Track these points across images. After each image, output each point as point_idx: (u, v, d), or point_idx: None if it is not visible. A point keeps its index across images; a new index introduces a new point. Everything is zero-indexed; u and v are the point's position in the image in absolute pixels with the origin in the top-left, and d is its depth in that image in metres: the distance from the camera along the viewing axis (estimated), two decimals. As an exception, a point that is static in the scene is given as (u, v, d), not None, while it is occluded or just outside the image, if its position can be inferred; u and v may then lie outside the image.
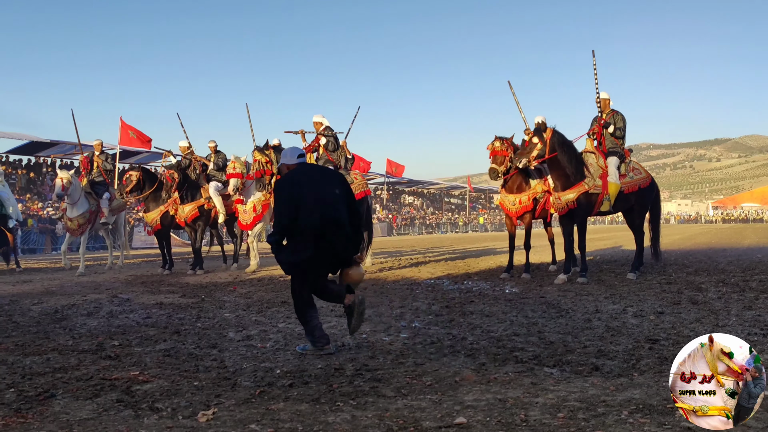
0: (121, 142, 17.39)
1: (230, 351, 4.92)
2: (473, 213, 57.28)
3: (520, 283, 9.07)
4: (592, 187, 8.80)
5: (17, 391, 3.85)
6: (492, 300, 7.46)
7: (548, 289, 8.29)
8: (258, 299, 7.82)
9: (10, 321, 6.46)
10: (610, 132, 9.29)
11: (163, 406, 3.50)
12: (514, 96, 10.55)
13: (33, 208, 24.22)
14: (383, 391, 3.73)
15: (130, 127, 17.38)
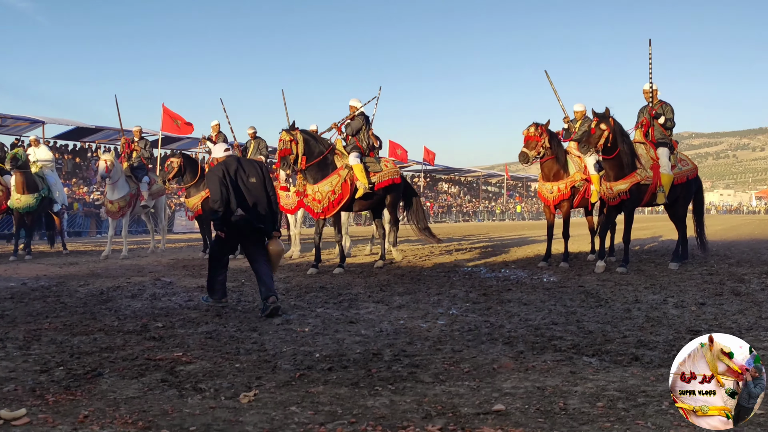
0: (163, 129, 17.72)
1: (270, 334, 5.00)
2: (510, 201, 56.74)
3: (558, 272, 8.97)
4: (644, 178, 8.66)
5: (66, 369, 3.99)
6: (530, 288, 7.41)
7: (587, 279, 8.19)
8: (296, 284, 7.92)
9: (58, 301, 6.68)
10: (661, 123, 9.14)
11: (205, 387, 3.59)
12: (551, 85, 10.41)
13: (78, 193, 24.90)
14: (421, 376, 3.75)
15: (173, 114, 17.67)
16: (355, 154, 9.69)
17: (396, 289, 7.43)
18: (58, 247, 14.06)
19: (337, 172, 9.48)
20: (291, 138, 9.12)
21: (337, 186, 9.40)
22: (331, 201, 9.37)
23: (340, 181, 9.44)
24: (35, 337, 4.91)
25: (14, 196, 12.06)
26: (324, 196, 9.35)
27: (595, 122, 8.37)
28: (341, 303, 6.47)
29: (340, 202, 9.44)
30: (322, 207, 9.39)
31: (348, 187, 9.48)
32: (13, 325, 5.40)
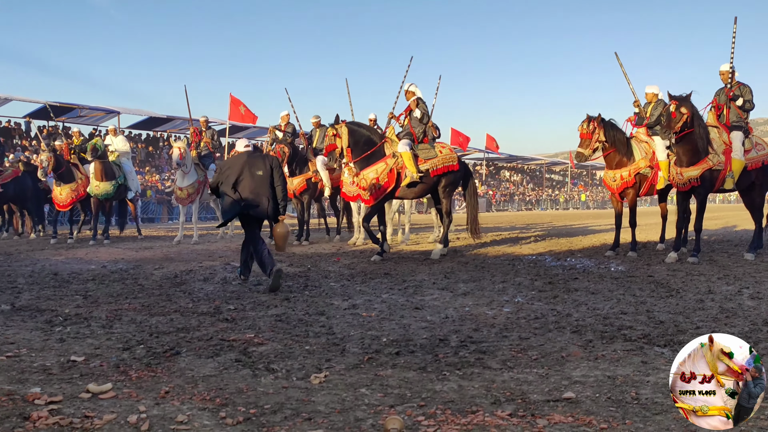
0: (230, 118, 18.15)
1: (337, 318, 5.10)
2: (575, 190, 55.43)
3: (626, 262, 8.74)
4: (716, 163, 8.31)
5: (146, 347, 4.19)
6: (597, 277, 7.25)
7: (656, 268, 7.94)
8: (361, 270, 8.03)
9: (136, 284, 7.00)
10: (739, 105, 8.72)
11: (278, 368, 3.71)
12: (621, 67, 10.07)
13: (151, 180, 25.90)
14: (489, 363, 3.75)
15: (240, 103, 18.08)
16: (406, 141, 9.46)
17: (460, 276, 7.42)
18: (129, 232, 14.68)
19: (384, 159, 9.32)
20: (334, 132, 9.17)
21: (383, 174, 9.24)
22: (377, 189, 9.27)
23: (386, 169, 9.26)
24: (117, 316, 5.18)
25: (93, 183, 12.69)
26: (368, 183, 9.24)
27: (674, 105, 8.06)
28: (406, 289, 6.52)
29: (385, 190, 9.30)
30: (368, 195, 9.31)
31: (394, 175, 9.29)
32: (96, 305, 5.70)
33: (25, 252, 10.81)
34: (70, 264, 8.92)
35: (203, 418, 2.87)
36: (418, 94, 9.95)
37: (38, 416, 2.81)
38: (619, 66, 10.09)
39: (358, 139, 9.26)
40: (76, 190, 12.99)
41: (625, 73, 10.08)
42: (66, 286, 6.85)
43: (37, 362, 3.78)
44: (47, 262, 9.10)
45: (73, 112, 27.20)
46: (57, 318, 5.10)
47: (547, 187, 54.38)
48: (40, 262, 9.20)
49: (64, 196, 12.93)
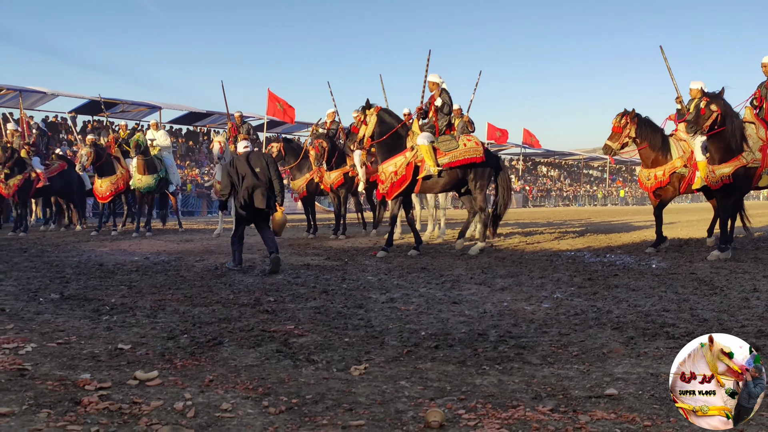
0: (268, 113, 18.34)
1: (375, 312, 5.13)
2: (613, 185, 54.48)
3: (667, 258, 8.57)
4: (750, 161, 8.07)
5: (190, 337, 4.29)
6: (637, 274, 7.13)
7: (699, 266, 7.77)
8: (398, 264, 8.05)
9: (178, 275, 7.16)
10: None
11: (318, 359, 3.75)
12: (666, 62, 9.84)
13: (191, 174, 26.37)
14: (528, 358, 3.74)
15: (278, 99, 18.26)
16: (426, 134, 9.15)
17: (498, 271, 7.38)
18: (170, 225, 14.99)
19: (403, 153, 9.10)
20: (361, 118, 9.08)
21: (401, 167, 9.01)
22: (393, 182, 9.03)
23: (405, 162, 9.03)
24: (160, 306, 5.30)
25: (135, 176, 13.00)
26: (387, 176, 9.08)
27: (704, 102, 7.87)
28: (444, 284, 6.51)
29: (402, 183, 9.04)
30: (384, 189, 9.13)
31: (411, 168, 9.03)
32: (140, 295, 5.85)
33: (71, 243, 11.14)
34: (115, 255, 9.15)
35: (246, 406, 2.92)
36: (441, 84, 9.55)
37: (89, 401, 2.90)
38: (664, 60, 9.87)
39: (384, 130, 9.06)
40: (116, 183, 13.35)
41: (669, 68, 9.85)
42: (111, 276, 7.04)
43: (86, 349, 3.90)
44: (93, 254, 9.36)
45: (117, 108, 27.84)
46: (104, 307, 5.25)
47: (584, 183, 53.57)
48: (86, 253, 9.48)
49: (104, 188, 13.30)
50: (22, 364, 3.48)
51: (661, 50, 9.89)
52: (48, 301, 5.53)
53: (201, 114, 30.54)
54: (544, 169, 53.04)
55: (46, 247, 10.50)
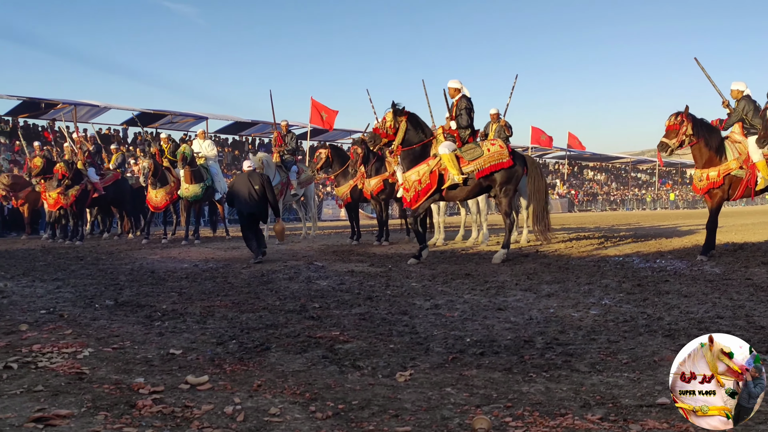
0: (311, 121, 18.61)
1: (420, 318, 5.13)
2: (662, 189, 53.08)
3: (721, 263, 8.30)
4: None
5: (238, 342, 4.37)
6: (690, 280, 6.93)
7: (755, 271, 7.50)
8: (442, 271, 8.03)
9: (225, 282, 7.30)
10: None
11: (363, 365, 3.78)
12: (704, 71, 9.59)
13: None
14: (576, 365, 3.68)
15: (321, 107, 18.51)
16: (447, 143, 8.91)
17: (544, 277, 7.29)
18: (220, 232, 15.32)
19: (426, 161, 8.93)
20: (393, 124, 8.86)
21: (425, 176, 8.84)
22: (417, 191, 8.89)
23: (428, 170, 8.85)
24: (209, 313, 5.42)
25: (183, 185, 13.35)
26: (411, 185, 8.94)
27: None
28: (488, 290, 6.47)
29: (427, 192, 8.87)
30: (410, 197, 8.97)
31: (435, 176, 8.85)
32: (190, 301, 5.99)
33: (124, 251, 11.49)
34: (165, 263, 9.40)
35: (294, 411, 2.97)
36: (464, 90, 9.34)
37: (143, 404, 2.99)
38: (702, 70, 9.63)
39: (412, 139, 8.94)
40: (170, 192, 13.72)
41: (708, 76, 9.61)
42: (162, 283, 7.23)
43: (140, 354, 4.02)
44: (144, 261, 9.63)
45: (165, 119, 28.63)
46: (156, 313, 5.41)
47: (632, 186, 52.39)
48: (138, 260, 9.76)
49: (159, 198, 13.69)
50: (80, 368, 3.61)
51: (696, 62, 9.66)
52: (103, 308, 5.73)
53: (246, 123, 31.15)
54: (590, 172, 52.11)
55: (100, 255, 10.86)
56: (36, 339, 4.40)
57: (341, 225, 20.17)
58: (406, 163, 9.06)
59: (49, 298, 6.29)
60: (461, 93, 9.30)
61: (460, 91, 9.29)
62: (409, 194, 9.00)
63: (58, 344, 4.20)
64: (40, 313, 5.47)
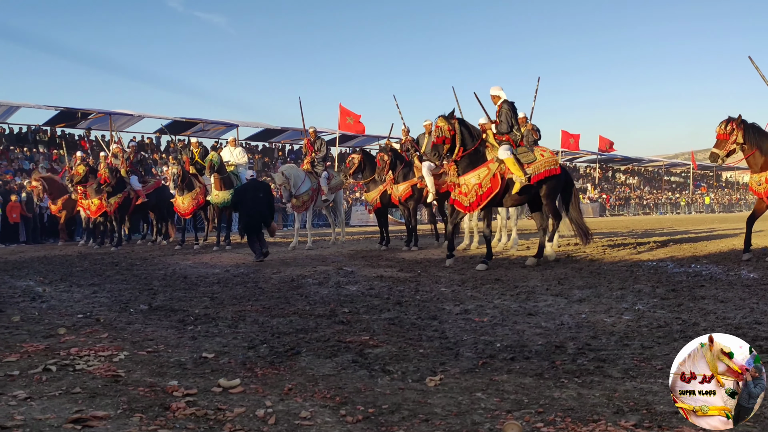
0: (340, 128, 18.72)
1: (449, 323, 5.12)
2: (697, 192, 52.03)
3: (759, 268, 8.10)
4: None
5: (269, 346, 4.42)
6: (726, 285, 6.78)
7: (797, 276, 7.31)
8: (471, 276, 7.99)
9: (256, 287, 7.38)
10: None
11: (393, 369, 3.78)
12: (758, 71, 9.35)
13: (266, 189, 27.10)
14: (609, 371, 3.63)
15: (349, 113, 18.62)
16: (506, 146, 8.99)
17: (575, 282, 7.21)
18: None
19: (486, 165, 8.95)
20: (449, 127, 8.86)
21: (486, 179, 8.86)
22: (479, 195, 8.88)
23: (489, 174, 8.88)
24: (241, 317, 5.49)
25: (213, 192, 13.56)
26: (470, 189, 8.90)
27: None
28: (518, 295, 6.42)
29: (488, 196, 8.89)
30: (469, 201, 8.94)
31: (498, 181, 8.88)
32: (222, 306, 6.07)
33: (158, 257, 11.69)
34: (197, 268, 9.54)
35: (325, 415, 2.98)
36: (504, 96, 9.36)
37: (177, 407, 3.04)
38: (756, 70, 9.40)
39: (466, 141, 8.97)
40: (196, 198, 13.95)
41: (763, 76, 9.37)
42: (195, 288, 7.34)
43: (174, 357, 4.09)
44: (177, 266, 9.79)
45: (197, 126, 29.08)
46: (188, 317, 5.49)
47: (666, 190, 51.46)
48: (171, 266, 9.92)
49: (186, 204, 13.93)
50: (116, 370, 3.69)
51: (750, 61, 9.42)
52: (138, 312, 5.84)
53: (276, 130, 31.46)
54: (622, 176, 51.36)
55: (135, 261, 11.07)
56: (74, 342, 4.50)
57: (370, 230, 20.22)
58: (463, 167, 9.03)
59: (86, 303, 6.44)
60: (502, 99, 9.33)
61: (500, 98, 9.33)
62: (468, 198, 8.93)
63: (95, 347, 4.29)
64: (77, 317, 5.61)
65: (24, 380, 3.52)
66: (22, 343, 4.48)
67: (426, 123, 12.87)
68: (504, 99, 9.33)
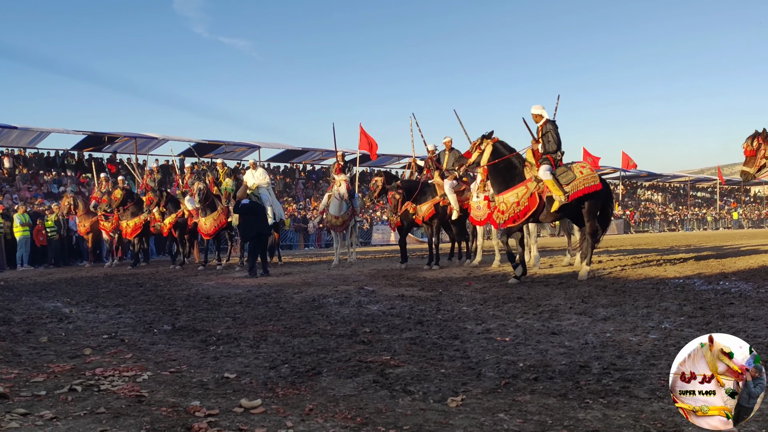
0: (360, 147, 18.84)
1: (471, 342, 5.07)
2: (725, 208, 51.17)
3: (791, 285, 7.90)
4: None
5: (290, 366, 4.42)
6: (756, 302, 6.63)
7: (830, 293, 7.12)
8: (493, 294, 7.93)
9: (278, 307, 7.40)
10: None
11: (414, 389, 3.75)
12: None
13: (289, 210, 27.30)
14: (635, 391, 3.56)
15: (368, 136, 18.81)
16: (546, 167, 9.18)
17: (599, 300, 7.11)
18: (273, 259, 15.57)
19: (524, 183, 9.21)
20: (477, 145, 9.26)
21: (524, 198, 9.12)
22: (516, 212, 9.13)
23: (527, 193, 9.14)
24: (262, 337, 5.50)
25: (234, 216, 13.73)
26: (509, 207, 9.16)
27: None
28: (541, 314, 6.35)
29: (525, 214, 9.15)
30: (506, 218, 9.18)
31: (535, 200, 9.14)
32: (243, 326, 6.10)
33: (181, 278, 11.80)
34: (220, 288, 9.61)
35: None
36: (546, 115, 9.57)
37: (199, 427, 3.05)
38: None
39: (500, 162, 9.22)
40: (218, 219, 14.13)
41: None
42: (217, 308, 7.39)
43: (196, 378, 4.11)
44: (200, 287, 9.87)
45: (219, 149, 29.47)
46: (211, 338, 5.52)
47: (692, 206, 50.71)
48: (194, 286, 10.01)
49: (208, 225, 14.11)
50: (139, 391, 3.72)
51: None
52: (161, 332, 5.89)
53: (297, 151, 31.73)
54: (647, 192, 50.77)
55: (159, 281, 11.18)
56: (99, 363, 4.55)
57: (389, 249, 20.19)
58: (497, 186, 9.37)
59: (111, 324, 6.51)
60: (544, 117, 9.52)
61: (542, 117, 9.51)
62: (505, 216, 9.22)
63: (119, 368, 4.33)
64: (102, 337, 5.67)
65: (50, 400, 3.56)
66: (49, 364, 4.54)
67: (446, 140, 12.89)
68: (546, 118, 9.54)
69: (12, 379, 4.05)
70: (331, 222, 13.84)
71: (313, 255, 20.00)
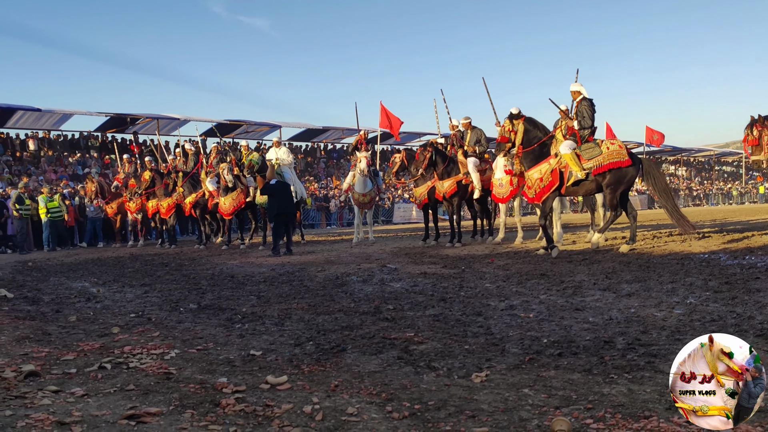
0: (381, 125, 18.74)
1: (495, 319, 5.08)
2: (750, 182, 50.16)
3: (820, 260, 7.76)
4: None
5: (315, 343, 4.46)
6: (784, 277, 6.53)
7: None
8: (516, 271, 7.90)
9: (302, 285, 7.46)
10: None
11: (439, 366, 3.78)
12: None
13: (310, 189, 27.40)
14: (660, 366, 3.54)
15: (387, 112, 18.65)
16: (569, 143, 9.45)
17: (623, 276, 7.05)
18: (296, 237, 15.68)
19: (547, 160, 9.50)
20: (511, 128, 9.50)
21: (546, 174, 9.43)
22: (540, 188, 9.49)
23: (549, 169, 9.44)
24: (287, 315, 5.56)
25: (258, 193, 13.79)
26: (533, 182, 9.52)
27: None
28: (565, 290, 6.32)
29: (549, 189, 9.47)
30: (533, 193, 9.57)
31: (557, 174, 9.42)
32: (268, 304, 6.17)
33: (206, 257, 11.94)
34: (244, 268, 9.71)
35: (371, 411, 3.00)
36: (584, 92, 9.75)
37: (226, 403, 3.11)
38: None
39: (531, 138, 9.54)
40: (237, 198, 14.24)
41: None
42: (241, 287, 7.48)
43: (222, 355, 4.18)
44: (224, 266, 9.98)
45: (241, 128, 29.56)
46: (236, 316, 5.59)
47: (717, 180, 49.84)
48: (218, 266, 10.13)
49: (227, 205, 14.25)
50: (167, 368, 3.79)
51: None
52: (187, 311, 5.98)
53: (318, 130, 31.71)
54: (671, 167, 49.97)
55: (184, 261, 11.33)
56: (127, 341, 4.65)
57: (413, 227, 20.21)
58: (527, 162, 9.68)
59: (138, 303, 6.63)
60: (582, 95, 9.73)
61: (580, 93, 9.73)
62: (531, 191, 9.63)
63: (147, 346, 4.42)
64: (130, 316, 5.78)
65: (81, 378, 3.65)
66: (79, 342, 4.64)
67: (465, 121, 12.79)
68: (583, 96, 9.71)
69: (43, 357, 4.15)
70: (358, 200, 13.91)
71: (335, 234, 20.08)
